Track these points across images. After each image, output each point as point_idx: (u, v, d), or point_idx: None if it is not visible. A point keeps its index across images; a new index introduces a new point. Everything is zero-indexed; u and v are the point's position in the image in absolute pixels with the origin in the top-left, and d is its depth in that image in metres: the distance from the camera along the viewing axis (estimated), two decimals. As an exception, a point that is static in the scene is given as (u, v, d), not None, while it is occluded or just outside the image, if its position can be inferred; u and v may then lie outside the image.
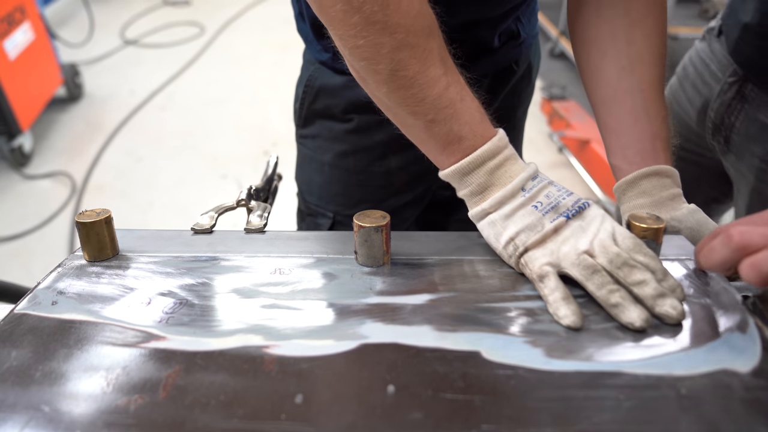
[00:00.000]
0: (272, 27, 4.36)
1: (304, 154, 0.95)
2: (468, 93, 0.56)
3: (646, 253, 0.51)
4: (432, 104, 0.54)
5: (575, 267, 0.50)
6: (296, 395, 0.40)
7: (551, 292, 0.49)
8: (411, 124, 0.57)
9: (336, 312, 0.49)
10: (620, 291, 0.48)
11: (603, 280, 0.49)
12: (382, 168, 0.88)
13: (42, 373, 0.42)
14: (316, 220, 0.95)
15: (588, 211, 0.54)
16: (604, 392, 0.40)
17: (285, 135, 2.94)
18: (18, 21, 2.76)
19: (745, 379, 0.41)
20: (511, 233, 0.53)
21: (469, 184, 0.56)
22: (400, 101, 0.55)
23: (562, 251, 0.51)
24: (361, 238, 0.55)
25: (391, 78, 0.53)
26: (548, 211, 0.53)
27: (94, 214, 0.57)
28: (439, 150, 0.57)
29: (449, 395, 0.40)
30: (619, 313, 0.47)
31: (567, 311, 0.47)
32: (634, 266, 0.49)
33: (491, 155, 0.55)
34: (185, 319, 0.48)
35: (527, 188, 0.55)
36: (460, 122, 0.54)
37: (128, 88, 3.48)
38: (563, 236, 0.52)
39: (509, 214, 0.54)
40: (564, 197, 0.54)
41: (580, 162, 2.55)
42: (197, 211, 0.77)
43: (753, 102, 0.79)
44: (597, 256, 0.50)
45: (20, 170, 2.66)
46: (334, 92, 0.84)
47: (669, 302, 0.47)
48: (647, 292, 0.48)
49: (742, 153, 0.83)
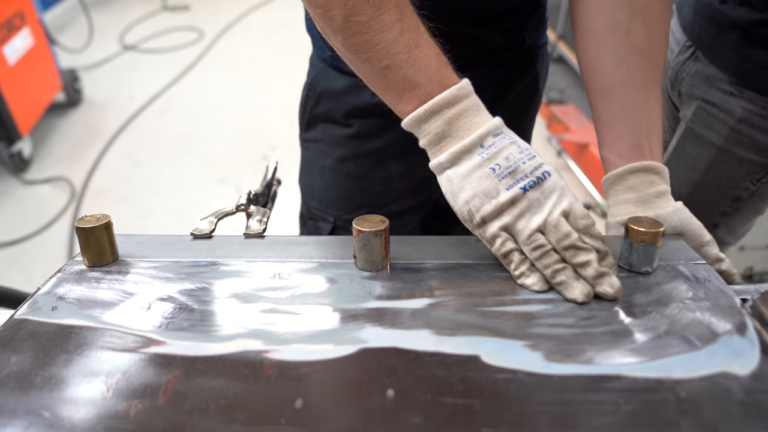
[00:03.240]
0: (271, 32, 4.37)
1: (307, 158, 0.95)
2: (426, 40, 0.55)
3: (593, 235, 0.54)
4: (386, 50, 0.54)
5: (526, 246, 0.53)
6: (296, 400, 0.40)
7: (517, 267, 0.54)
8: (368, 72, 0.57)
9: (335, 316, 0.50)
10: (565, 270, 0.52)
11: (550, 261, 0.52)
12: (382, 174, 0.88)
13: (42, 378, 0.42)
14: (316, 224, 0.95)
15: (546, 183, 0.54)
16: (603, 396, 0.40)
17: (284, 139, 2.95)
18: (17, 27, 2.76)
19: (744, 382, 0.41)
20: (467, 196, 0.54)
21: (427, 133, 0.56)
22: (355, 48, 0.55)
23: (516, 227, 0.53)
24: (360, 242, 0.55)
25: (345, 24, 0.54)
26: (505, 176, 0.53)
27: (93, 219, 0.57)
28: (396, 98, 0.57)
29: (449, 399, 0.40)
30: (564, 290, 0.52)
31: (532, 279, 0.53)
32: (579, 248, 0.52)
33: (449, 104, 0.54)
34: (185, 324, 0.48)
35: (486, 144, 0.54)
36: (415, 68, 0.54)
37: (127, 93, 3.49)
38: (519, 209, 0.53)
39: (466, 174, 0.54)
40: (525, 161, 0.54)
41: (578, 165, 2.56)
42: (196, 216, 0.77)
43: (702, 61, 0.90)
44: (548, 233, 0.53)
45: (19, 175, 2.66)
46: (336, 96, 0.85)
47: (607, 281, 0.51)
48: (588, 273, 0.51)
49: (689, 100, 0.94)
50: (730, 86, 0.86)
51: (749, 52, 0.82)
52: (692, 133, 0.93)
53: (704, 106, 0.90)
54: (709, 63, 0.89)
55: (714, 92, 0.88)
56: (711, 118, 0.89)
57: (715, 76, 0.88)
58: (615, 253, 0.59)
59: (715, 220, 0.95)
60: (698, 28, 0.90)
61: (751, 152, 0.86)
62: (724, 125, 0.87)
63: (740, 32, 0.83)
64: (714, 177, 0.91)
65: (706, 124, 0.90)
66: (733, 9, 0.83)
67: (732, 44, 0.84)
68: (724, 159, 0.89)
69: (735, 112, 0.86)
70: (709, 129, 0.90)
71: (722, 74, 0.87)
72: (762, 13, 0.79)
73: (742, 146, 0.86)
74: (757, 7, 0.80)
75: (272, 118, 3.18)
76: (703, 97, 0.90)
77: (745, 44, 0.82)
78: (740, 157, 0.87)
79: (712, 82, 0.88)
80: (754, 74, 0.82)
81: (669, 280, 0.54)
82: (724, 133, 0.88)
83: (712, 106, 0.89)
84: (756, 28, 0.80)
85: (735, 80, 0.85)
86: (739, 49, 0.83)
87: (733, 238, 1.00)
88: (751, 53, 0.82)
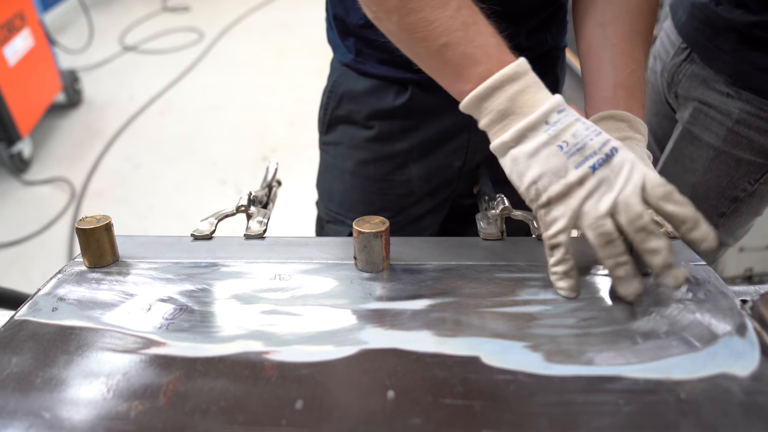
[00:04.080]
0: (271, 33, 4.37)
1: (327, 162, 0.95)
2: (481, 18, 0.55)
3: (676, 201, 0.50)
4: (443, 27, 0.53)
5: (591, 230, 0.50)
6: (296, 401, 0.40)
7: (556, 264, 0.53)
8: (424, 53, 0.56)
9: (336, 318, 0.50)
10: (626, 265, 0.50)
11: (614, 251, 0.50)
12: (402, 177, 0.88)
13: (42, 379, 0.42)
14: (335, 227, 0.95)
15: (615, 159, 0.51)
16: (603, 397, 0.41)
17: (284, 141, 2.95)
18: (18, 27, 2.76)
19: (744, 383, 0.41)
20: (534, 175, 0.52)
21: (489, 111, 0.54)
22: (411, 28, 0.55)
23: (583, 209, 0.51)
24: (360, 243, 0.55)
25: (401, 2, 0.54)
26: (574, 153, 0.51)
27: (94, 220, 0.57)
28: (455, 77, 0.55)
29: (449, 400, 0.40)
30: (618, 284, 0.51)
31: (564, 284, 0.53)
32: (651, 232, 0.49)
33: (511, 80, 0.53)
34: (185, 325, 0.49)
35: (551, 121, 0.52)
36: (473, 45, 0.53)
37: (127, 94, 3.49)
38: (587, 189, 0.50)
39: (532, 152, 0.52)
40: (592, 137, 0.51)
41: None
42: (196, 217, 0.77)
43: (698, 63, 0.90)
44: (619, 213, 0.50)
45: (19, 176, 2.66)
46: (357, 98, 0.84)
47: (674, 272, 0.49)
48: (657, 261, 0.49)
49: (685, 102, 0.94)
50: (727, 87, 0.86)
51: (745, 54, 0.82)
52: (689, 135, 0.93)
53: (701, 108, 0.90)
54: (705, 65, 0.89)
55: (711, 94, 0.88)
56: (708, 120, 0.89)
57: (711, 78, 0.88)
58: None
59: (714, 221, 0.95)
60: (693, 31, 0.91)
61: (750, 153, 0.86)
62: (722, 126, 0.87)
63: (736, 34, 0.83)
64: (712, 178, 0.91)
65: (703, 126, 0.90)
66: (728, 11, 0.83)
67: (728, 46, 0.84)
68: (722, 160, 0.89)
69: (733, 113, 0.86)
70: (706, 130, 0.90)
71: (718, 76, 0.87)
72: (757, 15, 0.79)
73: (740, 147, 0.86)
74: (752, 9, 0.80)
75: (272, 119, 3.18)
76: (699, 99, 0.90)
77: (741, 46, 0.83)
78: (738, 158, 0.87)
79: (709, 83, 0.88)
80: (751, 76, 0.83)
81: (669, 282, 0.54)
82: (722, 134, 0.88)
83: (709, 108, 0.89)
84: (751, 30, 0.81)
85: (732, 81, 0.85)
86: (735, 51, 0.83)
87: (731, 239, 1.00)
88: (747, 55, 0.82)
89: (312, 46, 3.89)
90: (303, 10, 4.56)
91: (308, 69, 3.61)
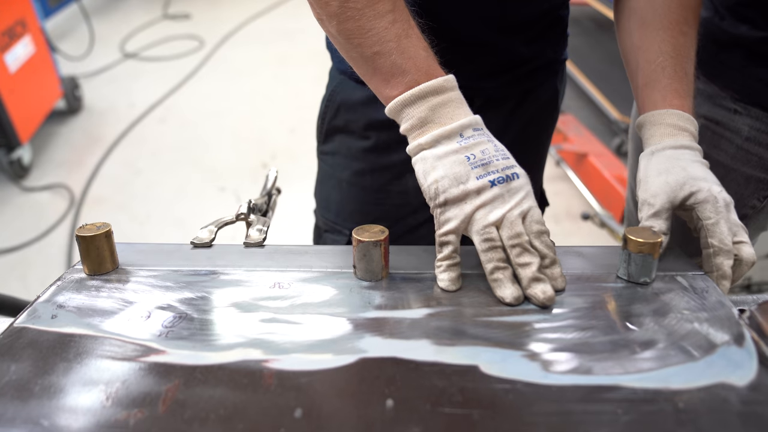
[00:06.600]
0: (271, 41, 4.39)
1: (324, 171, 0.95)
2: (415, 33, 0.59)
3: (543, 241, 0.56)
4: (378, 36, 0.57)
5: (478, 235, 0.55)
6: (295, 409, 0.40)
7: (443, 259, 0.56)
8: (358, 58, 0.60)
9: (335, 326, 0.50)
10: (504, 270, 0.54)
11: (495, 255, 0.54)
12: (399, 187, 0.88)
13: (41, 387, 0.42)
14: (332, 236, 0.95)
15: (514, 183, 0.56)
16: (601, 406, 0.41)
17: (283, 148, 2.95)
18: (19, 34, 2.77)
19: (742, 393, 0.42)
20: (438, 176, 0.56)
21: (410, 117, 0.58)
22: (348, 34, 0.59)
23: (475, 216, 0.55)
24: (359, 252, 0.56)
25: (341, 9, 0.58)
26: (478, 166, 0.56)
27: (94, 227, 0.57)
28: (383, 83, 0.60)
29: (447, 409, 0.40)
30: (496, 287, 0.54)
31: (444, 276, 0.56)
32: (526, 249, 0.54)
33: (435, 92, 0.57)
34: (185, 333, 0.49)
35: (465, 135, 0.57)
36: (404, 56, 0.58)
37: (127, 101, 3.50)
38: (482, 199, 0.55)
39: (441, 156, 0.56)
40: (498, 158, 0.57)
41: (577, 175, 2.56)
42: (195, 224, 0.77)
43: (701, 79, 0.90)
44: (502, 228, 0.55)
45: (19, 182, 2.66)
46: (355, 108, 0.85)
47: (541, 287, 0.53)
48: (526, 273, 0.54)
49: None
50: (734, 104, 0.85)
51: (754, 71, 0.81)
52: None
53: (708, 125, 0.88)
54: (708, 81, 0.87)
55: (718, 110, 0.87)
56: (716, 137, 0.87)
57: (716, 94, 0.87)
58: (614, 261, 0.59)
59: None
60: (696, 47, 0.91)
61: (759, 170, 0.85)
62: (731, 144, 0.86)
63: (742, 50, 0.82)
64: None
65: (711, 143, 0.88)
66: (733, 26, 0.82)
67: (734, 63, 0.83)
68: (731, 178, 0.86)
69: (742, 130, 0.84)
70: (715, 148, 0.87)
71: (724, 92, 0.85)
72: (764, 31, 0.78)
73: (750, 165, 0.85)
74: (758, 25, 0.79)
75: (272, 126, 3.19)
76: (706, 116, 0.88)
77: (749, 62, 0.82)
78: (748, 175, 0.86)
79: (715, 99, 0.87)
80: (760, 93, 0.81)
81: (667, 291, 0.55)
82: (731, 152, 0.86)
83: (716, 125, 0.87)
84: (760, 47, 0.79)
85: (739, 98, 0.84)
86: (743, 67, 0.82)
87: None
88: (756, 71, 0.81)
89: (312, 54, 3.91)
90: (303, 18, 4.57)
91: (308, 76, 3.63)
